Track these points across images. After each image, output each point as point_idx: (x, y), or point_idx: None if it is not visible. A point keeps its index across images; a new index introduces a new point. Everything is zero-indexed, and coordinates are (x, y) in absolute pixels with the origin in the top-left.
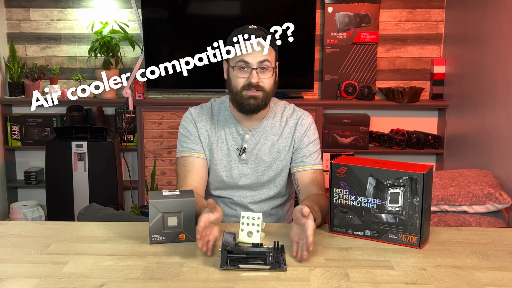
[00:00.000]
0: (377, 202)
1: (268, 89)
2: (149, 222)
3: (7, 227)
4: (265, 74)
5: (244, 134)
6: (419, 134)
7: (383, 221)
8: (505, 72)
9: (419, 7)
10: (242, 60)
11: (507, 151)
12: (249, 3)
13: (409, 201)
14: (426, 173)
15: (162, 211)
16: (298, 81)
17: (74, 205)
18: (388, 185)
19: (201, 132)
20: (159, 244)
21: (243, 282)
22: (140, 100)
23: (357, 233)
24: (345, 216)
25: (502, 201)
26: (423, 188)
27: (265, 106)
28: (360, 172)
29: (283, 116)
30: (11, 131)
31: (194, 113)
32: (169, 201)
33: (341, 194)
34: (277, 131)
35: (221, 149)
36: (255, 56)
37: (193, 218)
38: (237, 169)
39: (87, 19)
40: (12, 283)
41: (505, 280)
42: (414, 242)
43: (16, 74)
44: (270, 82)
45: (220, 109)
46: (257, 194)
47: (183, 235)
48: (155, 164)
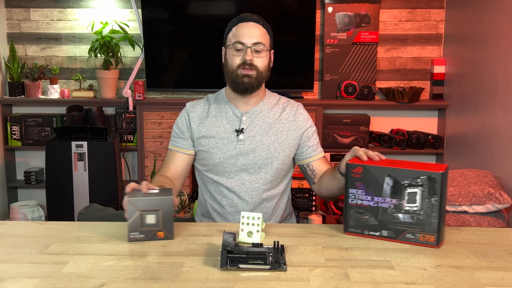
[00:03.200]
0: (394, 202)
1: (262, 69)
2: (127, 219)
3: (7, 227)
4: (259, 54)
5: (242, 116)
6: (419, 134)
7: (400, 221)
8: (505, 72)
9: (419, 7)
10: (238, 41)
11: (507, 151)
12: (249, 3)
13: (427, 200)
14: (444, 172)
15: (140, 209)
16: (298, 81)
17: (74, 205)
18: (405, 185)
19: (194, 121)
20: (159, 244)
21: (243, 282)
22: (140, 100)
23: (373, 233)
24: (361, 217)
25: (502, 201)
26: (441, 188)
27: (258, 86)
28: (377, 172)
29: (279, 102)
30: (11, 131)
31: (189, 105)
32: (147, 199)
33: (357, 195)
34: (274, 115)
35: (217, 133)
36: (249, 37)
37: (171, 216)
38: (234, 150)
39: (87, 19)
40: (12, 283)
41: (505, 280)
42: (432, 241)
43: (16, 74)
44: (263, 62)
45: (217, 98)
46: (254, 178)
47: (161, 232)
48: (155, 164)
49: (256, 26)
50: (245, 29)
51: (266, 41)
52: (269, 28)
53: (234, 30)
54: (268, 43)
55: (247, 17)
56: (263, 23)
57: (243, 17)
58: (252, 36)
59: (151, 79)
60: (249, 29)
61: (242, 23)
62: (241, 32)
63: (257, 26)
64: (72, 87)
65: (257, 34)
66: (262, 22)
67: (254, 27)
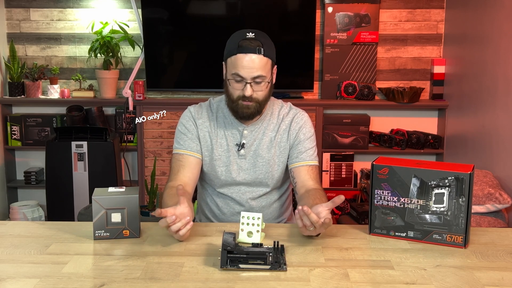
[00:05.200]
0: (420, 203)
1: (262, 99)
2: (93, 218)
3: (7, 227)
4: (259, 87)
5: (243, 130)
6: (419, 134)
7: (427, 221)
8: (505, 72)
9: (419, 7)
10: (237, 73)
11: (507, 151)
12: (249, 3)
13: (454, 201)
14: (471, 172)
15: (105, 207)
16: (298, 81)
17: (74, 205)
18: (432, 185)
19: (201, 129)
20: (159, 244)
21: (243, 282)
22: (140, 100)
23: (400, 234)
24: (387, 218)
25: (502, 201)
26: (469, 188)
27: (259, 113)
28: (403, 173)
29: (280, 114)
30: (11, 131)
31: (194, 111)
32: (112, 197)
33: (382, 196)
34: (274, 127)
35: (220, 145)
36: (249, 72)
37: (136, 215)
38: (235, 164)
39: (87, 19)
40: (12, 283)
41: (505, 280)
42: (459, 242)
43: (16, 74)
44: (264, 93)
45: (219, 107)
46: (255, 190)
47: (127, 231)
48: (155, 164)
49: (256, 58)
50: (245, 62)
51: (267, 71)
52: (270, 52)
53: (233, 59)
54: (269, 73)
55: (247, 47)
56: (264, 50)
57: (243, 47)
58: (252, 70)
59: (151, 79)
60: (248, 62)
61: (241, 55)
62: (241, 65)
63: (257, 58)
64: (72, 87)
65: (258, 67)
66: (263, 50)
67: (253, 60)
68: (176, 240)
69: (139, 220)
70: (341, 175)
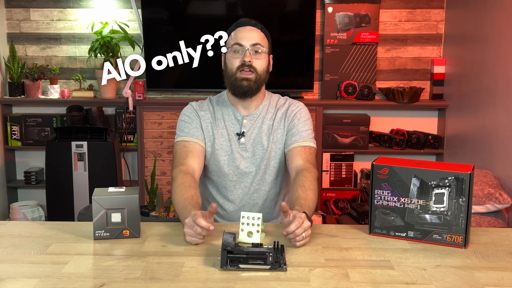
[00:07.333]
0: (420, 203)
1: (260, 71)
2: (93, 218)
3: (7, 227)
4: (258, 56)
5: (242, 120)
6: (419, 134)
7: (427, 221)
8: (505, 72)
9: (419, 7)
10: (237, 43)
11: (507, 151)
12: (249, 3)
13: (455, 201)
14: (471, 172)
15: (105, 207)
16: (298, 81)
17: (74, 205)
18: (433, 185)
19: (203, 119)
20: (159, 244)
21: (243, 282)
22: (140, 100)
23: (400, 234)
24: (387, 218)
25: (502, 201)
26: (469, 188)
27: (258, 89)
28: (403, 173)
29: (277, 104)
30: (11, 131)
31: (195, 104)
32: (112, 197)
33: (382, 196)
34: (272, 116)
35: (221, 135)
36: (248, 39)
37: (136, 215)
38: (237, 153)
39: (87, 19)
40: (12, 283)
41: (505, 280)
42: (459, 242)
43: (16, 74)
44: (262, 64)
45: (218, 101)
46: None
47: (127, 231)
48: (155, 164)
49: (254, 30)
50: (244, 32)
51: (265, 44)
52: (267, 33)
53: (232, 34)
54: (266, 46)
55: (245, 22)
56: (261, 27)
57: (241, 22)
58: (250, 38)
59: (151, 79)
60: (248, 32)
61: (240, 27)
62: (240, 35)
63: (256, 30)
64: (72, 87)
65: (256, 37)
66: (260, 27)
67: (252, 30)
68: (176, 240)
69: (139, 220)
70: (341, 175)
